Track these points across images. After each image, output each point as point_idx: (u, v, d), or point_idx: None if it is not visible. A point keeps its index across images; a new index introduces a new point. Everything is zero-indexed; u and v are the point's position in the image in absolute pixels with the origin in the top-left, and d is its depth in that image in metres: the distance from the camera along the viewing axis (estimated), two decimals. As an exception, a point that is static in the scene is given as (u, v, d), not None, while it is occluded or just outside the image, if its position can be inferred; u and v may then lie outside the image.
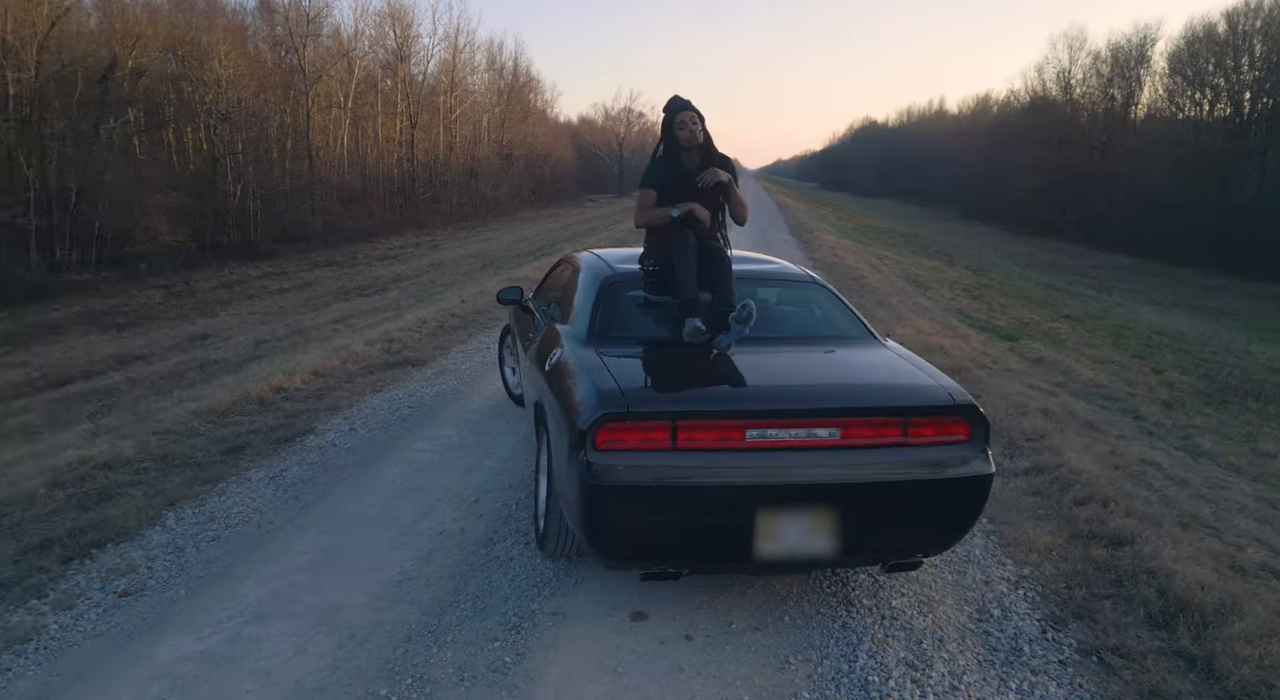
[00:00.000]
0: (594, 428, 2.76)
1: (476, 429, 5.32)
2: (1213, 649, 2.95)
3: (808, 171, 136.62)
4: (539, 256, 17.43)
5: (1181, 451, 6.37)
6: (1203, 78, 31.69)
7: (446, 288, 14.62)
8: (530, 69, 49.90)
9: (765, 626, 3.04)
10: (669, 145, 3.72)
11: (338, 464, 4.75)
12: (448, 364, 7.18)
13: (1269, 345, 15.94)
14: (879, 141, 78.33)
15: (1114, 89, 36.48)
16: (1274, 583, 3.71)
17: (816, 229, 24.63)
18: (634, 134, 65.68)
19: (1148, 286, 23.07)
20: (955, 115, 65.75)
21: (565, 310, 4.02)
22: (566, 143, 53.70)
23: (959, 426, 2.93)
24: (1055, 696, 2.74)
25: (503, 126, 44.45)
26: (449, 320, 9.19)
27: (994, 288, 16.00)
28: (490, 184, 41.04)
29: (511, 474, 4.54)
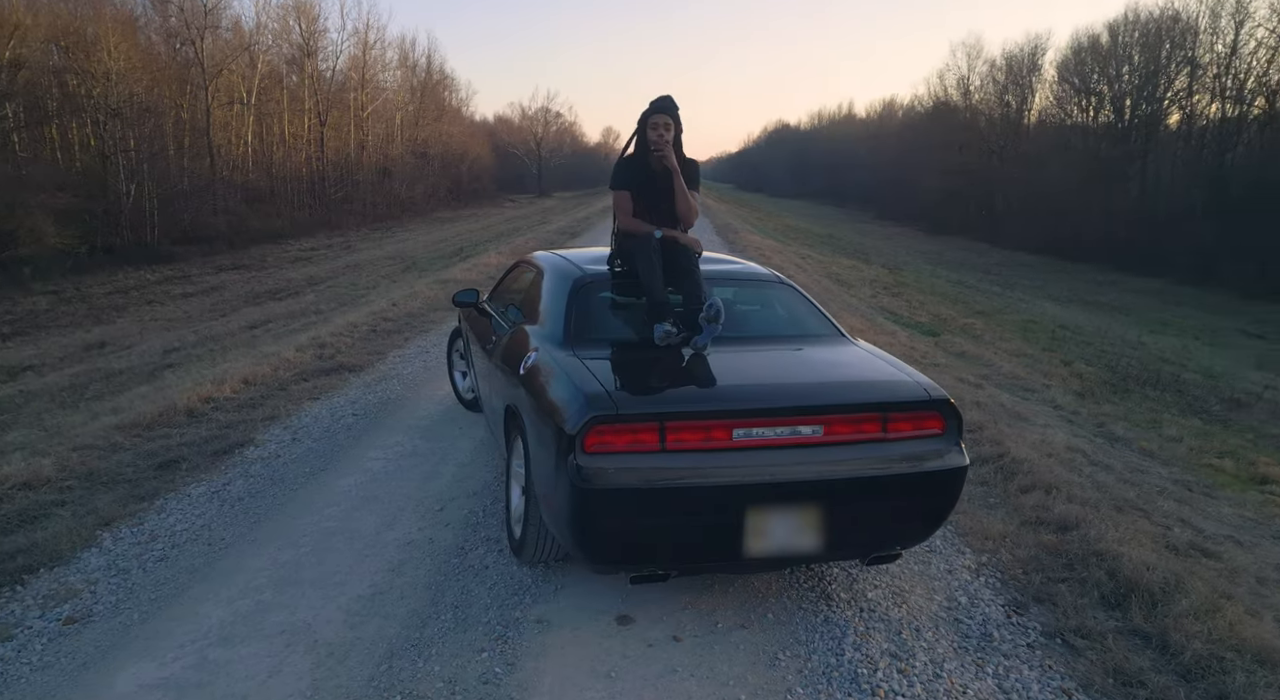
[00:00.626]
0: (583, 431, 2.74)
1: (429, 436, 5.20)
2: (1165, 626, 3.13)
3: (724, 173, 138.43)
4: (464, 258, 17.14)
5: (1100, 438, 6.74)
6: (1088, 85, 33.60)
7: (369, 290, 14.24)
8: (444, 67, 49.17)
9: (750, 624, 3.08)
10: (641, 144, 3.72)
11: (286, 476, 4.57)
12: (387, 369, 7.00)
13: (1158, 337, 17.02)
14: (792, 144, 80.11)
15: (1009, 96, 38.39)
16: (1205, 560, 3.98)
17: (740, 229, 25.01)
18: (552, 134, 65.50)
19: (1046, 282, 24.29)
20: (864, 119, 67.95)
21: (530, 312, 3.98)
22: (483, 142, 52.97)
23: (934, 421, 3.02)
24: (1029, 679, 2.86)
25: (417, 125, 43.56)
26: (381, 324, 8.95)
27: (910, 286, 16.56)
28: (405, 183, 40.18)
29: (474, 480, 4.46)
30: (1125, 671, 2.88)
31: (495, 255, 15.65)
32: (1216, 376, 12.64)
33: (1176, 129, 30.59)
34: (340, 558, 3.60)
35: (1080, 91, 34.14)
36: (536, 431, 3.12)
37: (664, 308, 3.36)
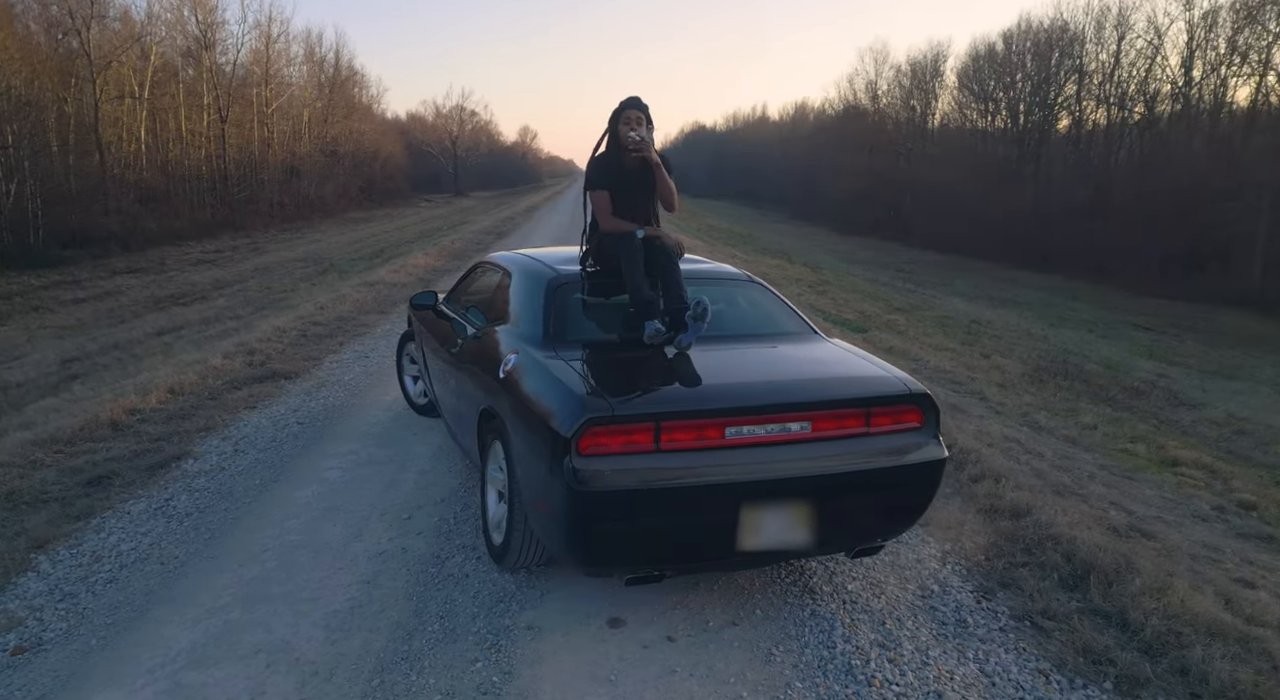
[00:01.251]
0: (578, 433, 2.72)
1: (384, 443, 5.07)
2: (1123, 605, 3.31)
3: None
4: (387, 259, 16.70)
5: (1027, 427, 7.07)
6: (986, 91, 35.21)
7: (288, 294, 13.73)
8: (353, 63, 47.65)
9: (741, 621, 3.12)
10: (612, 142, 3.71)
11: (235, 489, 4.38)
12: (325, 375, 6.77)
13: (1059, 330, 17.95)
14: (709, 145, 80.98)
15: (914, 100, 39.88)
16: (1144, 541, 4.22)
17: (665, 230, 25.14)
18: (468, 132, 64.38)
19: (953, 280, 25.29)
20: (777, 121, 69.28)
21: (498, 314, 3.93)
22: (396, 140, 51.65)
23: (913, 414, 3.12)
24: (1007, 662, 2.98)
25: (326, 122, 42.16)
26: (311, 329, 8.65)
27: (832, 284, 17.00)
28: (314, 182, 38.87)
29: (438, 487, 4.36)
30: (1093, 650, 3.04)
31: (422, 256, 15.32)
32: (1115, 367, 13.41)
33: (1066, 133, 32.35)
34: (310, 572, 3.48)
35: (979, 97, 35.77)
36: (524, 435, 3.08)
37: (651, 306, 3.36)
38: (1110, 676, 2.90)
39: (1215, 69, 28.68)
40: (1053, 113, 32.65)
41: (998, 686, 2.82)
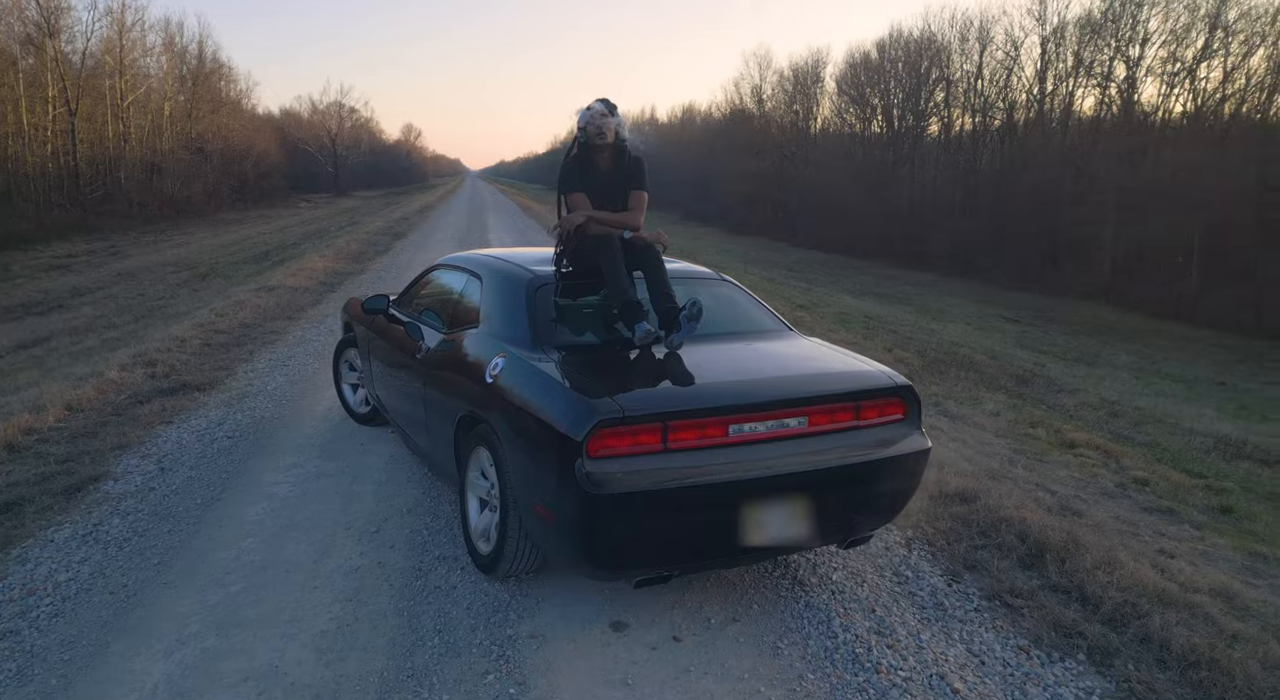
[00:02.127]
0: (589, 436, 2.70)
1: (329, 455, 4.84)
2: (1080, 580, 3.55)
3: (533, 173, 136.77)
4: (279, 262, 15.87)
5: (944, 417, 7.46)
6: (863, 97, 36.78)
7: (167, 301, 12.89)
8: (218, 54, 44.87)
9: (741, 617, 3.17)
10: (584, 145, 3.68)
11: (175, 510, 4.10)
12: (244, 386, 6.41)
13: (944, 324, 18.96)
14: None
15: (797, 105, 41.17)
16: (1079, 519, 4.54)
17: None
18: (347, 130, 61.87)
19: (839, 278, 26.28)
20: (665, 123, 69.87)
21: (466, 317, 3.84)
22: (270, 137, 48.97)
23: (896, 406, 3.25)
24: (990, 641, 3.14)
25: (190, 117, 39.66)
26: (213, 337, 8.15)
27: (743, 279, 17.37)
28: (179, 181, 36.51)
29: (401, 498, 4.22)
30: (1063, 625, 3.24)
31: (319, 259, 14.68)
32: (998, 356, 14.28)
33: (937, 138, 34.20)
34: (282, 592, 3.30)
35: (856, 102, 37.31)
36: (521, 440, 3.02)
37: (637, 307, 3.35)
38: (1082, 649, 3.11)
39: (1064, 80, 30.96)
40: (924, 118, 34.44)
41: (988, 665, 2.98)
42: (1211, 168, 25.76)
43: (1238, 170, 25.53)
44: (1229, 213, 24.91)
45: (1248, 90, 28.79)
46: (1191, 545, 4.86)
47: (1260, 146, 26.25)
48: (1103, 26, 30.48)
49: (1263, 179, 24.71)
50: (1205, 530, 5.35)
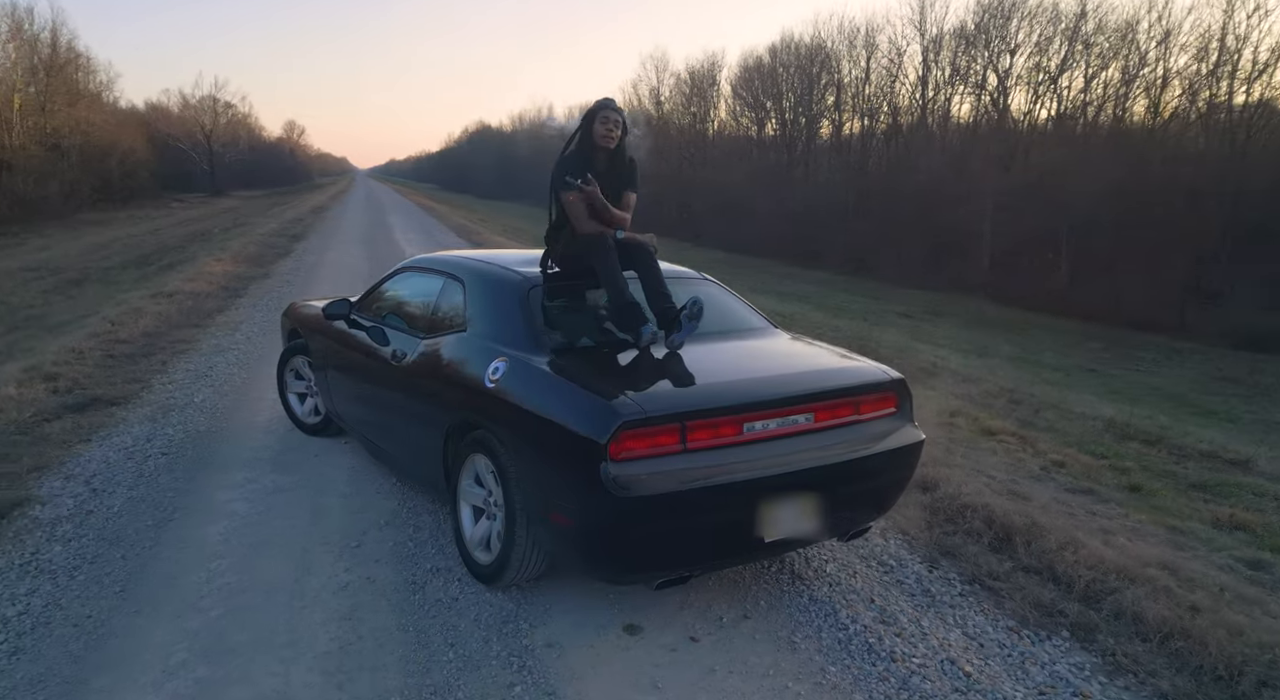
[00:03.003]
0: (613, 438, 2.67)
1: (283, 469, 4.60)
2: (1049, 561, 3.75)
3: (425, 173, 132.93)
4: (165, 267, 14.88)
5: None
6: (757, 101, 37.70)
7: (42, 309, 11.95)
8: (74, 43, 41.56)
9: (751, 613, 3.20)
10: (585, 141, 3.63)
11: (123, 533, 3.82)
12: (167, 399, 6.00)
13: (844, 320, 19.64)
14: (496, 146, 79.30)
15: (694, 107, 41.83)
16: (1030, 503, 4.79)
17: (476, 230, 24.47)
18: (223, 126, 58.62)
19: (742, 277, 26.84)
20: (563, 123, 69.37)
21: (447, 321, 3.73)
22: (136, 133, 45.76)
23: (889, 400, 3.35)
24: (982, 624, 3.28)
25: (44, 111, 36.76)
26: (116, 348, 7.59)
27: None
28: (32, 180, 33.78)
29: (375, 511, 4.05)
30: (1043, 605, 3.42)
31: (215, 262, 13.87)
32: (902, 350, 14.87)
33: (829, 140, 35.41)
34: (269, 615, 3.12)
35: (751, 106, 38.20)
36: (534, 445, 2.96)
37: (636, 308, 3.33)
38: (1065, 626, 3.29)
39: (943, 87, 32.62)
40: (816, 121, 35.59)
41: (986, 647, 3.11)
42: (1074, 170, 27.70)
43: (1097, 173, 27.54)
44: (1091, 212, 26.82)
45: (1104, 98, 31.09)
46: (1121, 523, 5.21)
47: (1115, 151, 28.43)
48: (976, 37, 32.26)
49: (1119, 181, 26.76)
50: (1126, 508, 5.73)
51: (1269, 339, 22.75)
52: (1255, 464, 8.07)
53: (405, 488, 4.32)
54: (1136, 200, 26.22)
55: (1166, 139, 29.10)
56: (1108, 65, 30.76)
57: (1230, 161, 26.90)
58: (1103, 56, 30.95)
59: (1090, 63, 31.15)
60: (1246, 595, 3.88)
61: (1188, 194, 26.12)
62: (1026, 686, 2.86)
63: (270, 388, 6.14)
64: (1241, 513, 5.86)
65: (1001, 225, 27.50)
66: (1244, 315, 23.62)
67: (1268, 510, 6.28)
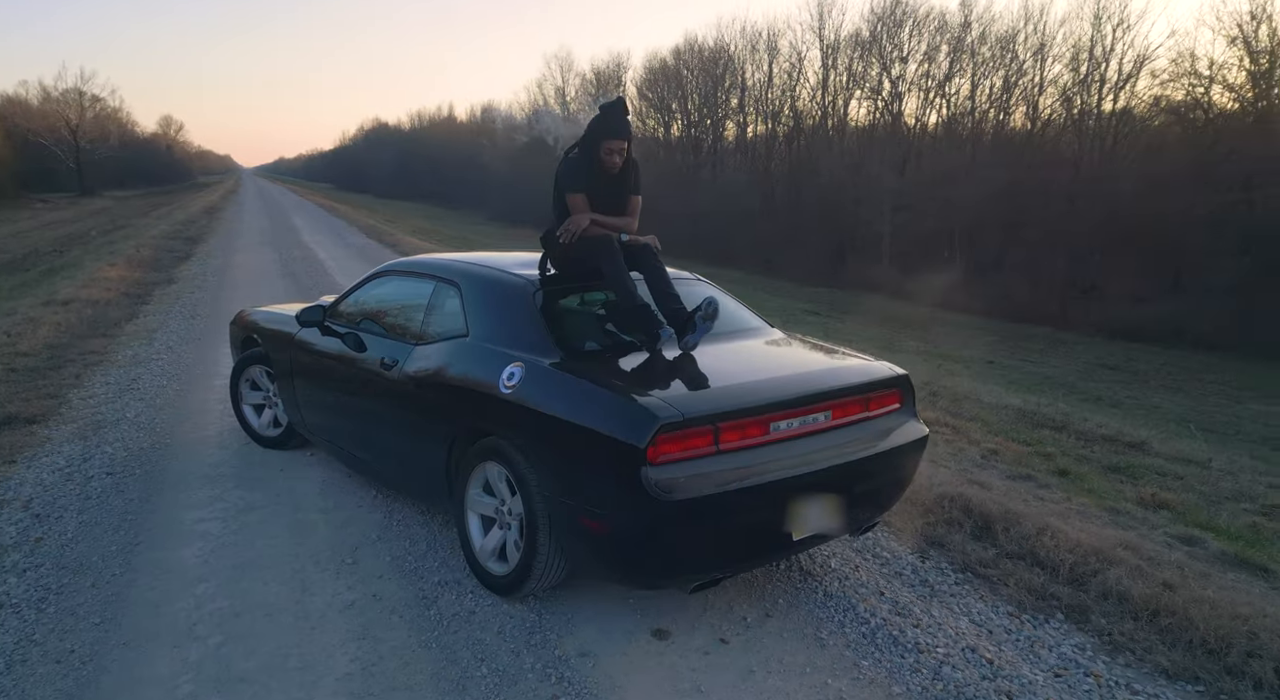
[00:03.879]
0: (652, 442, 2.64)
1: (249, 485, 4.34)
2: (1031, 547, 3.91)
3: (319, 171, 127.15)
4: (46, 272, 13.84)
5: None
6: (664, 102, 38.07)
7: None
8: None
9: (774, 612, 3.21)
10: (588, 153, 3.57)
11: (85, 560, 3.54)
12: (94, 415, 5.57)
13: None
14: (395, 144, 76.92)
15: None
16: (992, 490, 5.00)
17: (387, 231, 23.67)
18: (90, 120, 54.77)
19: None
20: (464, 122, 68.18)
21: (439, 328, 3.61)
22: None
23: (894, 397, 3.43)
24: (983, 610, 3.39)
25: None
26: (17, 361, 6.99)
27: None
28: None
29: (363, 524, 3.87)
30: (1036, 589, 3.55)
31: (110, 268, 12.93)
32: (819, 348, 15.34)
33: (735, 142, 36.10)
34: (276, 639, 2.95)
35: (657, 107, 38.53)
36: (561, 451, 2.90)
37: (648, 310, 3.30)
38: (1059, 608, 3.44)
39: (841, 92, 33.73)
40: (721, 123, 36.23)
41: (995, 633, 3.22)
42: (964, 174, 29.14)
43: (984, 176, 29.04)
44: (981, 213, 28.27)
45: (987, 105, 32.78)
46: (1068, 506, 5.50)
47: (1000, 155, 30.05)
48: (871, 44, 33.49)
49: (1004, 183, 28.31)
50: (1065, 491, 6.06)
51: (1137, 329, 24.50)
52: (1149, 446, 8.66)
53: (388, 499, 4.16)
54: (1020, 201, 27.81)
55: (1044, 143, 30.93)
56: (990, 74, 32.47)
57: (1101, 165, 28.79)
58: (985, 65, 32.62)
59: (974, 71, 32.79)
60: (1196, 570, 4.17)
61: (1065, 196, 27.89)
62: (1042, 669, 2.97)
63: (213, 399, 5.83)
64: (1161, 492, 6.26)
65: (900, 226, 28.68)
66: (1115, 308, 25.39)
67: (1177, 489, 6.74)
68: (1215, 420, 15.86)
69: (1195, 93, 28.03)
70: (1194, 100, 28.67)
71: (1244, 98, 27.41)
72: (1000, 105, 32.29)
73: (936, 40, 32.77)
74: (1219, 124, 27.03)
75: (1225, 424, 15.42)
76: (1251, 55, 26.38)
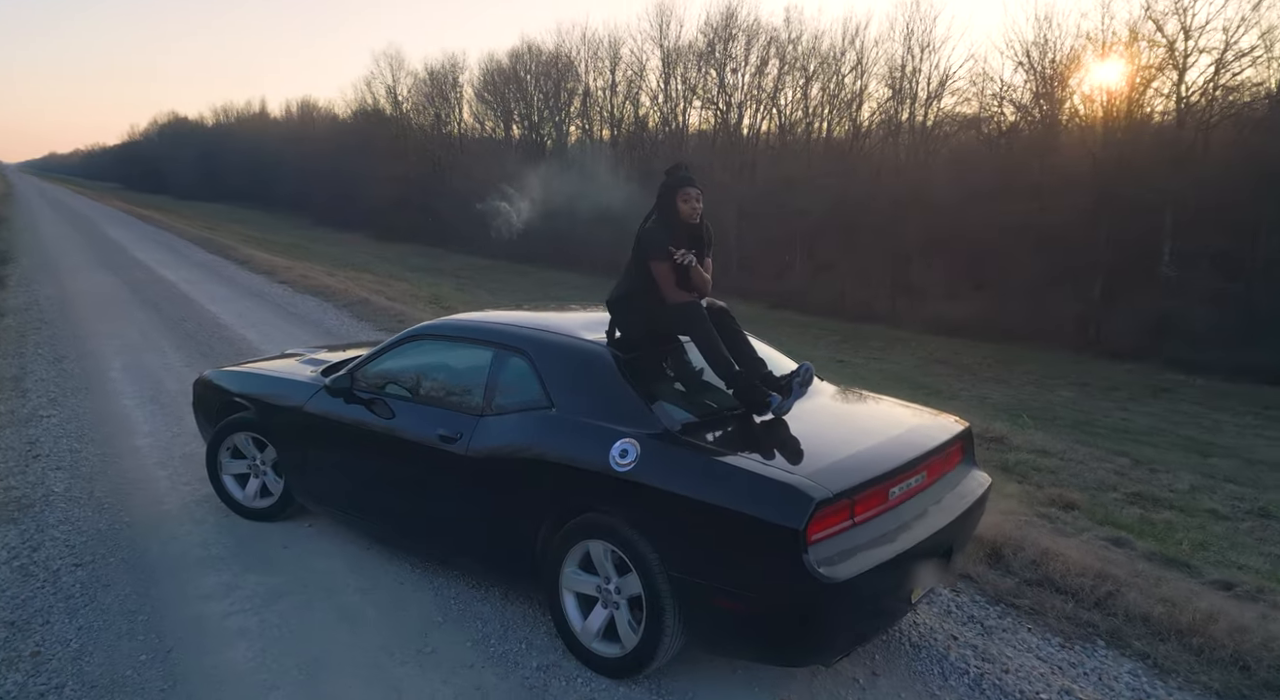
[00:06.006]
0: (809, 522, 2.66)
1: (259, 566, 3.91)
2: (1045, 573, 4.15)
3: (104, 169, 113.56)
4: None
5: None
6: (505, 105, 37.51)
7: None
8: None
9: (880, 671, 3.27)
10: (667, 213, 3.50)
11: (114, 677, 3.10)
12: (6, 490, 4.82)
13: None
14: (197, 141, 70.47)
15: (438, 108, 40.58)
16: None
17: (231, 245, 21.63)
18: None
19: (508, 284, 26.65)
20: (280, 119, 63.75)
21: (507, 400, 3.44)
22: None
23: (959, 450, 3.62)
24: (1038, 644, 3.57)
25: None
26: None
27: (448, 296, 16.77)
28: None
29: (416, 606, 3.59)
30: (1069, 616, 3.80)
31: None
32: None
33: (580, 147, 36.13)
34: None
35: (495, 109, 37.91)
36: (698, 532, 2.84)
37: (746, 378, 3.31)
38: (1100, 635, 3.72)
39: (680, 99, 34.65)
40: (564, 127, 36.18)
41: (1064, 669, 3.39)
42: (801, 181, 30.78)
43: (818, 184, 30.81)
44: (818, 218, 29.96)
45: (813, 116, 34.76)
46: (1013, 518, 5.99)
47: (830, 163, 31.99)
48: (707, 55, 34.61)
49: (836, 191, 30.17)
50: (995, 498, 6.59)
51: (956, 326, 26.84)
52: (1009, 440, 9.53)
53: (428, 573, 3.89)
54: (851, 208, 29.70)
55: (870, 153, 33.21)
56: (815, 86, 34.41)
57: (919, 172, 31.22)
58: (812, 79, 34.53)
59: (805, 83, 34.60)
60: (1155, 576, 4.65)
61: (890, 202, 30.05)
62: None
63: (150, 464, 5.25)
64: (1066, 492, 6.94)
65: (745, 231, 29.85)
66: (937, 306, 27.71)
67: (1070, 485, 7.46)
68: (1034, 407, 17.72)
69: (991, 110, 31.03)
70: (990, 116, 31.74)
71: (1031, 115, 30.65)
72: (825, 117, 34.29)
73: (767, 53, 34.34)
74: (1011, 138, 30.09)
75: (1044, 410, 17.24)
76: (1036, 78, 29.49)
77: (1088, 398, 19.77)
